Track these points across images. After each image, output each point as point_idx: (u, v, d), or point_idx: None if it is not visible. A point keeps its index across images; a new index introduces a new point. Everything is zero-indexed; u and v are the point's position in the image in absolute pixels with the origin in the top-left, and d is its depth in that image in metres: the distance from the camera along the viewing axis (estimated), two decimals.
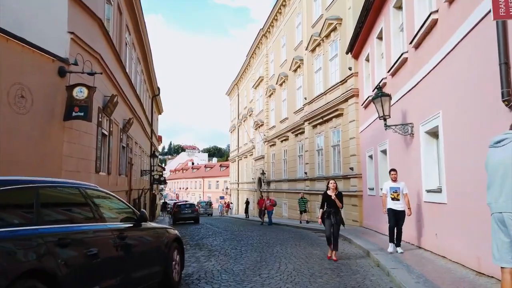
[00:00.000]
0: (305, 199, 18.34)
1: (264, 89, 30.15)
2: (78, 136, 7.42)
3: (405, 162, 9.08)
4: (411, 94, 8.54)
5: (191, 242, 11.17)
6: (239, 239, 11.45)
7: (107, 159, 9.84)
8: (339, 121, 16.67)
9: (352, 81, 15.33)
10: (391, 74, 10.02)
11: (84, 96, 6.70)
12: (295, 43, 23.05)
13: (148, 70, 20.38)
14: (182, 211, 23.57)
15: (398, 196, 7.48)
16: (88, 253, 3.24)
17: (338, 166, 16.86)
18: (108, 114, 9.44)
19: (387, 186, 7.67)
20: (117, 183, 11.32)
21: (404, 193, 7.47)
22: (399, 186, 7.52)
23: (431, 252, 7.23)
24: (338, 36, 16.82)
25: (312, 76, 20.01)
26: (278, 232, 14.17)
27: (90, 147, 7.99)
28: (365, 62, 13.81)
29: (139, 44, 16.48)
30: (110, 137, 10.02)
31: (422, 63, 7.78)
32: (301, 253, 8.32)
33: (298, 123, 22.07)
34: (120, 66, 11.27)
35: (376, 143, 11.92)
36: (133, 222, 4.23)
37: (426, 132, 7.62)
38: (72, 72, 6.88)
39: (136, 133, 16.00)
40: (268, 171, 29.07)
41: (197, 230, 15.96)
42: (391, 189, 7.58)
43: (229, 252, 8.71)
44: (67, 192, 3.60)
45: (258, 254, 8.23)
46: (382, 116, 8.59)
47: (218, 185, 70.30)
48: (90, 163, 8.00)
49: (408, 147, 8.73)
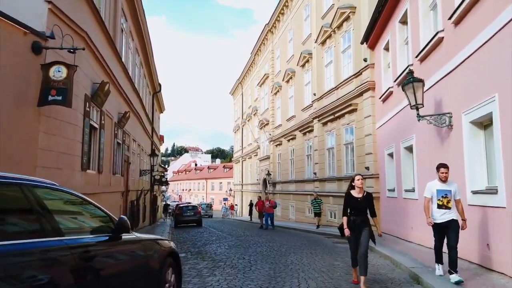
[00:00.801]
0: (319, 200, 16.41)
1: (270, 86, 28.99)
2: (58, 127, 6.27)
3: (438, 159, 7.84)
4: (448, 78, 7.33)
5: (192, 249, 9.99)
6: (246, 246, 10.26)
7: (98, 155, 8.68)
8: (353, 117, 15.46)
9: (367, 73, 14.12)
10: (420, 60, 8.82)
11: (62, 77, 5.54)
12: (303, 37, 21.88)
13: (148, 64, 19.25)
14: (184, 214, 22.38)
15: (449, 203, 5.40)
16: (32, 283, 2.08)
17: (351, 165, 15.65)
18: (98, 104, 8.29)
19: (433, 188, 5.55)
20: (110, 183, 10.16)
21: (456, 198, 5.45)
22: (450, 189, 5.44)
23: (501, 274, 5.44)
24: (352, 25, 15.63)
25: (322, 70, 18.82)
26: (287, 237, 12.97)
27: (75, 140, 6.83)
28: (384, 51, 12.60)
29: (138, 34, 15.35)
30: (101, 130, 8.86)
31: (465, 40, 6.57)
32: (320, 265, 7.12)
33: (306, 120, 20.88)
34: (114, 53, 10.13)
35: (399, 140, 10.70)
36: (108, 235, 3.05)
37: (472, 122, 6.40)
38: (48, 48, 5.73)
39: (134, 130, 14.86)
40: (274, 171, 27.87)
41: (199, 235, 14.80)
42: (439, 192, 5.46)
43: (236, 263, 7.52)
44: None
45: (270, 266, 7.03)
46: (414, 105, 7.38)
47: (222, 186, 69.15)
48: (74, 159, 6.84)
49: (444, 142, 7.52)
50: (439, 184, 5.54)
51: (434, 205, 5.54)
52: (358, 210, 5.45)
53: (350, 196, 5.52)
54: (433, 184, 5.63)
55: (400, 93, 10.73)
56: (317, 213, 15.91)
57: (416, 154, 9.32)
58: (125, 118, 11.60)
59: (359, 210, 5.45)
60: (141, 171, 17.68)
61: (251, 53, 35.39)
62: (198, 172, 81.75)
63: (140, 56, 16.74)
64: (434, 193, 5.53)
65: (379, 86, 13.22)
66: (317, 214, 15.92)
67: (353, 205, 5.46)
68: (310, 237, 12.99)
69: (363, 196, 5.48)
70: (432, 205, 5.58)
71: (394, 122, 11.26)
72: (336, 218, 16.75)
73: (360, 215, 5.44)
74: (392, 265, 7.17)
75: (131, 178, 14.42)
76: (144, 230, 15.78)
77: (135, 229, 14.66)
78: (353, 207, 5.47)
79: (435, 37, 7.77)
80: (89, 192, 7.66)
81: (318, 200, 16.17)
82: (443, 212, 5.43)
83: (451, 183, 5.56)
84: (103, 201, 9.14)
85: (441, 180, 5.53)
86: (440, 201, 5.45)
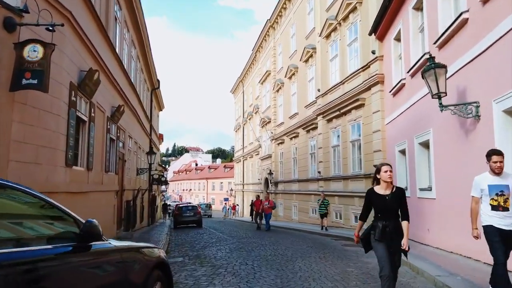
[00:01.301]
0: (326, 200, 15.38)
1: (272, 84, 28.25)
2: (37, 116, 5.54)
3: (461, 155, 7.13)
4: (474, 64, 6.58)
5: (190, 253, 9.25)
6: (248, 249, 9.52)
7: (87, 151, 7.95)
8: (360, 112, 14.71)
9: (376, 66, 13.38)
10: (438, 46, 8.07)
11: (38, 57, 4.82)
12: (307, 31, 21.14)
13: (146, 58, 18.50)
14: (184, 214, 21.61)
15: (506, 202, 4.04)
16: None
17: (358, 164, 14.90)
18: (87, 94, 7.56)
19: (484, 184, 4.19)
20: (102, 181, 9.42)
21: None
22: (507, 184, 4.09)
23: None
24: (359, 17, 14.88)
25: (327, 65, 18.07)
26: (291, 238, 12.22)
27: (57, 132, 6.09)
28: (394, 42, 11.85)
29: (134, 25, 14.59)
30: (91, 124, 8.13)
31: (495, 20, 5.83)
32: (333, 272, 6.37)
33: (310, 118, 20.13)
34: (107, 41, 9.40)
35: (412, 135, 9.95)
36: (70, 244, 2.30)
37: (505, 111, 5.66)
38: (23, 24, 5.00)
39: (130, 126, 14.13)
40: (276, 171, 27.11)
41: (199, 236, 14.06)
42: (493, 189, 4.12)
43: (238, 269, 6.77)
44: None
45: (276, 273, 6.28)
46: (436, 93, 6.63)
47: (222, 186, 68.39)
48: (56, 153, 6.10)
49: (469, 134, 6.77)
50: (492, 177, 4.16)
51: (486, 207, 4.18)
52: (386, 212, 4.05)
53: (374, 193, 4.13)
54: (483, 177, 4.24)
55: (413, 85, 10.04)
56: (323, 214, 14.99)
57: (434, 149, 8.56)
58: (119, 112, 10.86)
59: (389, 212, 4.05)
60: (138, 169, 16.95)
61: (252, 50, 34.66)
62: (199, 172, 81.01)
63: (136, 49, 16.00)
64: (486, 190, 4.16)
65: (389, 79, 12.47)
66: (323, 215, 14.99)
67: (379, 205, 4.08)
68: (316, 239, 12.25)
69: (392, 192, 4.08)
70: (482, 207, 4.25)
71: (407, 117, 10.51)
72: (342, 219, 16.01)
73: (390, 219, 4.03)
74: (412, 272, 6.42)
75: (126, 176, 13.69)
76: (140, 231, 15.03)
77: (131, 230, 13.93)
78: (380, 208, 4.08)
79: (458, 19, 7.01)
80: (75, 191, 6.95)
81: (325, 201, 15.21)
82: (502, 215, 4.04)
83: (507, 175, 4.20)
84: (93, 200, 8.41)
85: (493, 172, 4.15)
86: (495, 200, 4.09)
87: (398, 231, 4.03)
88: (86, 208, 7.91)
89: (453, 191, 7.39)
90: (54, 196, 6.04)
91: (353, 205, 14.98)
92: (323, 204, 15.05)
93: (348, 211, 15.46)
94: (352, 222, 15.06)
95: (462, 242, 6.82)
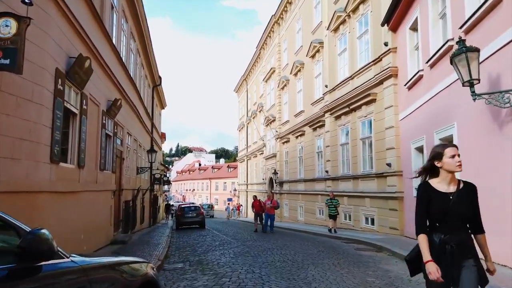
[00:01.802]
0: (335, 200, 14.15)
1: (276, 81, 27.51)
2: (14, 105, 4.84)
3: (493, 150, 6.37)
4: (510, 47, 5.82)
5: (191, 257, 8.53)
6: (254, 254, 8.78)
7: (78, 146, 7.25)
8: (371, 108, 13.93)
9: (389, 58, 12.60)
10: (465, 31, 7.29)
11: (11, 33, 4.11)
12: (313, 25, 20.39)
13: (147, 53, 17.81)
14: (186, 214, 20.88)
15: None
16: None
17: (369, 162, 14.13)
18: (77, 83, 6.86)
19: None
20: (96, 180, 8.73)
21: None
22: None
23: None
24: (369, 7, 14.12)
25: (335, 60, 17.30)
26: (299, 242, 11.46)
27: (39, 123, 5.39)
28: (410, 32, 11.09)
29: (133, 16, 13.89)
30: (82, 117, 7.43)
31: None
32: (351, 282, 5.63)
33: (317, 115, 19.36)
34: (101, 28, 8.70)
35: (431, 130, 9.18)
36: (5, 267, 1.57)
37: None
38: None
39: (129, 122, 13.44)
40: (280, 170, 26.36)
41: (201, 238, 13.34)
42: None
43: (244, 278, 6.03)
44: None
45: (287, 284, 5.54)
46: (468, 80, 5.87)
47: (226, 186, 67.71)
48: (39, 147, 5.40)
49: (504, 127, 6.01)
50: None
51: None
52: (449, 219, 2.58)
53: (431, 189, 2.66)
54: None
55: (433, 77, 9.27)
56: (332, 215, 13.84)
57: (459, 145, 7.76)
58: (116, 107, 10.17)
59: (453, 220, 2.58)
60: (138, 168, 16.26)
61: (256, 47, 33.93)
62: (202, 172, 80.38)
63: (136, 43, 15.31)
64: None
65: (403, 72, 11.70)
66: (332, 216, 13.85)
67: (439, 209, 2.60)
68: (326, 242, 11.48)
69: (459, 190, 2.65)
70: None
71: (425, 111, 9.74)
72: (352, 220, 15.23)
73: (453, 231, 2.58)
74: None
75: (125, 175, 13.00)
76: (140, 233, 14.34)
77: (130, 232, 13.22)
78: (439, 213, 2.60)
79: None
80: (63, 190, 6.24)
81: (335, 201, 14.02)
82: None
83: None
84: (86, 201, 7.71)
85: None
86: None
87: (467, 251, 2.58)
88: (77, 209, 7.23)
89: (485, 191, 6.61)
90: (36, 196, 5.36)
91: (363, 206, 14.20)
92: (332, 204, 13.91)
93: (358, 212, 14.68)
94: (363, 224, 14.28)
95: (496, 249, 6.05)
